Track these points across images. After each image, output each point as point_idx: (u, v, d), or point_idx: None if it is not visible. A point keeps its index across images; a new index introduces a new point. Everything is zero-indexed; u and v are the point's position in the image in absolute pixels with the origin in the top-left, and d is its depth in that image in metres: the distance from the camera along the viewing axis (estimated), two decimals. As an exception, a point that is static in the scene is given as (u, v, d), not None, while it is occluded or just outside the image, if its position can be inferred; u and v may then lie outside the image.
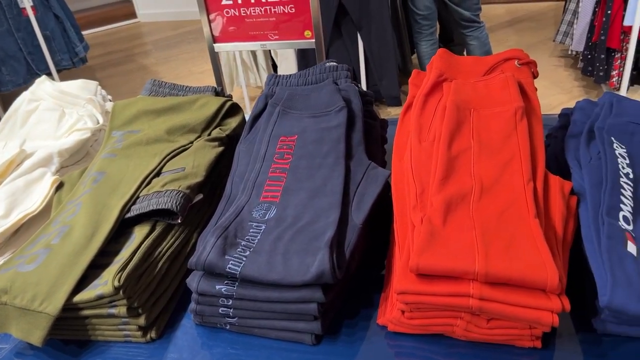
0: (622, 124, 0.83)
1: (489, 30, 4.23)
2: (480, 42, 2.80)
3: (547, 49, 3.69)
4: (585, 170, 0.77)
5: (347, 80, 0.93)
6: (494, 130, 0.78)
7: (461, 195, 0.70)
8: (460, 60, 0.91)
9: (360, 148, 0.84)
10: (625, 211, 0.71)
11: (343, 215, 0.73)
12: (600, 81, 2.80)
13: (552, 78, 3.26)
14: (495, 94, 0.82)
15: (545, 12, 4.47)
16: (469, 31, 2.76)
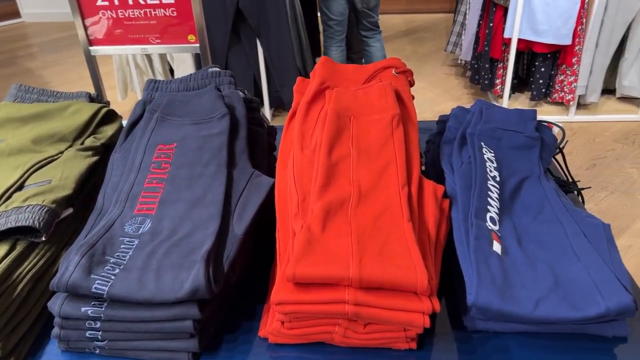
0: (490, 130, 0.88)
1: (386, 39, 4.41)
2: (381, 45, 2.93)
3: (439, 58, 3.90)
4: (457, 174, 0.81)
5: (230, 86, 0.91)
6: (372, 137, 0.80)
7: (340, 202, 0.71)
8: (342, 68, 0.92)
9: (243, 156, 0.83)
10: (492, 212, 0.75)
11: (223, 226, 0.71)
12: (486, 89, 3.01)
13: (443, 86, 3.45)
14: (373, 102, 0.84)
15: (438, 23, 4.72)
16: (373, 33, 2.87)
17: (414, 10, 5.01)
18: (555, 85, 2.84)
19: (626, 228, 2.09)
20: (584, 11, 2.59)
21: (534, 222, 0.76)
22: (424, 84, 3.50)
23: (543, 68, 2.80)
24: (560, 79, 2.80)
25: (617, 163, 2.51)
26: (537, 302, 0.62)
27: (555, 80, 2.83)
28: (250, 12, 2.63)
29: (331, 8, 2.77)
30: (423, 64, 3.83)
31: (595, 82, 2.76)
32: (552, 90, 2.86)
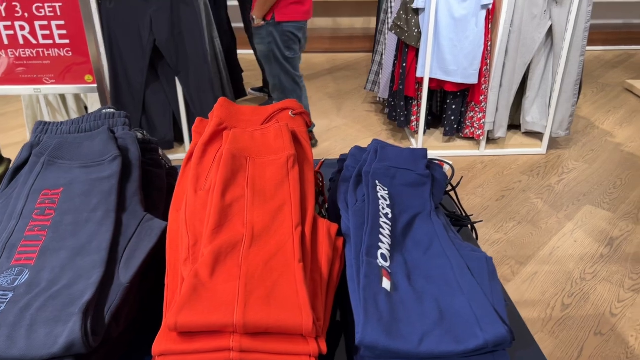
0: (384, 168, 0.91)
1: (310, 77, 4.51)
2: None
3: (360, 96, 4.03)
4: (351, 212, 0.82)
5: (124, 127, 0.89)
6: (268, 178, 0.80)
7: (232, 245, 0.70)
8: (240, 109, 0.93)
9: (135, 199, 0.80)
10: (384, 249, 0.77)
11: (108, 275, 0.68)
12: (402, 125, 3.13)
13: (364, 122, 3.56)
14: (270, 143, 0.85)
15: (359, 62, 4.90)
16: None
17: (337, 50, 5.18)
18: (466, 121, 3.00)
19: (532, 256, 2.22)
20: (488, 53, 2.79)
21: (424, 257, 0.79)
22: (346, 121, 3.59)
23: (454, 105, 2.96)
24: (470, 116, 2.97)
25: (523, 194, 2.67)
26: (422, 337, 0.64)
27: (465, 117, 3.00)
28: (168, 50, 2.61)
29: (295, 63, 2.76)
30: (345, 101, 3.94)
31: (501, 118, 2.95)
32: (464, 126, 3.03)
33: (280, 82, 2.70)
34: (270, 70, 2.68)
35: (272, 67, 2.66)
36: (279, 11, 2.49)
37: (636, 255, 2.22)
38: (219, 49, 3.02)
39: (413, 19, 2.79)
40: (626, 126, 3.47)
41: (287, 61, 2.64)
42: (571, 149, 3.15)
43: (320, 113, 3.72)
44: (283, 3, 2.48)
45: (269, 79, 2.75)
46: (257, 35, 2.60)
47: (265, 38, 2.56)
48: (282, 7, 2.49)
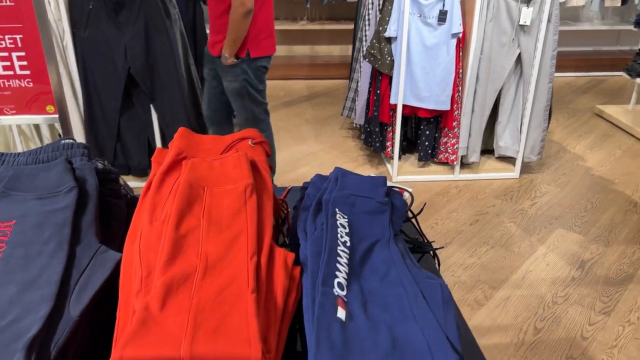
0: (344, 196, 0.92)
1: (289, 103, 4.55)
2: None
3: (338, 122, 4.07)
4: (309, 241, 0.83)
5: (83, 158, 0.89)
6: (224, 207, 0.80)
7: (185, 276, 0.69)
8: (200, 138, 0.93)
9: (90, 230, 0.79)
10: (340, 277, 0.77)
11: (57, 309, 0.67)
12: (378, 151, 3.16)
13: (341, 148, 3.59)
14: (229, 172, 0.85)
15: (337, 88, 4.96)
16: None
17: (316, 77, 5.24)
18: (440, 146, 3.05)
19: (505, 280, 2.23)
20: (459, 80, 2.85)
21: (381, 285, 0.79)
22: (323, 146, 3.62)
23: (428, 131, 3.01)
24: (444, 141, 3.02)
25: (497, 218, 2.71)
26: (374, 367, 0.64)
27: (439, 142, 3.05)
28: (143, 78, 2.62)
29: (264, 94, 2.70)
30: (323, 127, 3.97)
31: (474, 144, 3.00)
32: (438, 152, 3.07)
33: (254, 115, 2.63)
34: (242, 105, 2.58)
35: (245, 102, 2.57)
36: (254, 47, 2.42)
37: (606, 278, 2.25)
38: (195, 77, 3.04)
39: (386, 47, 2.85)
40: (597, 150, 3.55)
41: (260, 94, 2.59)
42: (544, 173, 3.20)
43: (298, 139, 3.75)
44: (256, 38, 2.42)
45: (240, 114, 2.64)
46: (229, 74, 2.47)
47: (240, 75, 2.46)
48: (255, 42, 2.42)
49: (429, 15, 2.70)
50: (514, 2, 2.68)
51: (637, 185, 3.05)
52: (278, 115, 4.22)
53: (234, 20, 2.26)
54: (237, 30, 2.29)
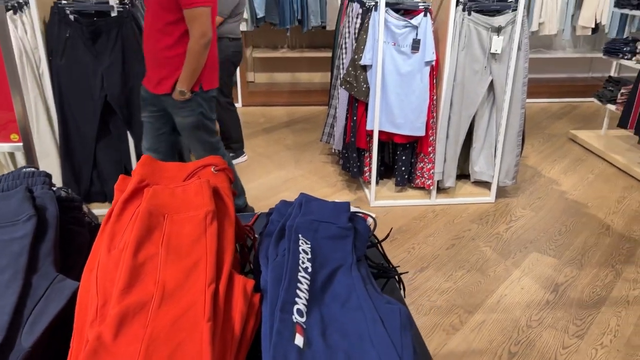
0: (308, 222, 0.93)
1: (270, 130, 4.58)
2: None
3: (317, 148, 4.10)
4: (270, 267, 0.83)
5: (44, 186, 0.88)
6: (185, 235, 0.80)
7: (141, 305, 0.69)
8: (164, 166, 0.94)
9: (48, 259, 0.79)
10: (300, 304, 0.77)
11: (9, 339, 0.66)
12: (356, 176, 3.19)
13: (320, 173, 3.60)
14: (190, 199, 0.86)
15: (317, 114, 5.01)
16: None
17: (296, 103, 5.29)
18: (417, 171, 3.08)
19: (480, 304, 2.24)
20: (434, 106, 2.90)
21: (341, 310, 0.80)
22: (303, 172, 3.63)
23: (404, 156, 3.05)
24: (420, 166, 3.06)
25: (473, 242, 2.73)
26: (329, 394, 0.64)
27: (416, 167, 3.08)
28: (120, 106, 2.62)
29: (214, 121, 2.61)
30: (303, 153, 4.00)
31: (450, 169, 3.04)
32: (415, 176, 3.10)
33: (211, 145, 2.52)
34: (198, 138, 2.46)
35: (201, 134, 2.45)
36: (206, 79, 2.32)
37: (580, 301, 2.27)
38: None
39: (361, 75, 2.90)
40: (570, 174, 3.62)
41: (212, 123, 2.50)
42: (519, 197, 3.25)
43: (278, 164, 3.76)
44: (208, 71, 2.32)
45: (197, 147, 2.51)
46: (183, 109, 2.33)
47: (196, 109, 2.34)
48: (207, 74, 2.32)
49: (403, 44, 2.77)
50: (484, 31, 2.76)
51: (609, 209, 3.11)
52: (258, 141, 4.24)
53: (194, 52, 2.15)
54: (197, 62, 2.19)
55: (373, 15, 2.80)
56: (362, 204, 3.14)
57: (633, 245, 2.72)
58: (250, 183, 3.43)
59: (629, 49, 3.74)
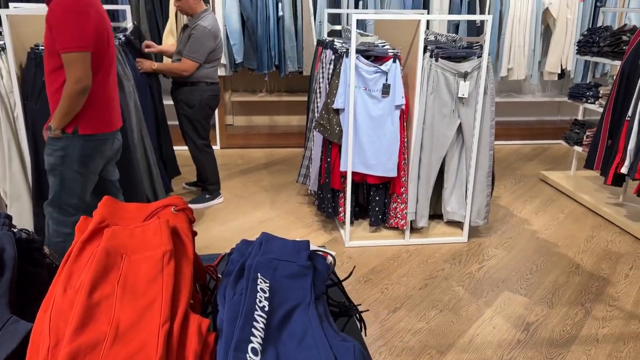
0: (267, 261, 0.95)
1: (248, 171, 4.61)
2: None
3: (294, 189, 4.13)
4: (226, 306, 0.84)
5: (3, 227, 0.89)
6: (141, 275, 0.81)
7: (93, 345, 0.69)
8: (124, 206, 0.95)
9: (3, 301, 0.79)
10: (255, 343, 0.78)
11: (-45, 382, 0.65)
12: (331, 216, 3.21)
13: (296, 214, 3.62)
14: (149, 239, 0.87)
15: (294, 156, 5.06)
16: None
17: (274, 145, 5.35)
18: (390, 212, 3.12)
19: (452, 344, 2.24)
20: (405, 148, 2.98)
21: (297, 349, 0.80)
22: (279, 213, 3.65)
23: (377, 197, 3.09)
24: (394, 206, 3.10)
25: (446, 282, 2.75)
26: None
27: (389, 208, 3.12)
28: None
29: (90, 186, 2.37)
30: (279, 194, 4.02)
31: (422, 209, 3.09)
32: (388, 217, 3.14)
33: (60, 197, 2.29)
34: (50, 181, 2.29)
35: (53, 179, 2.27)
36: (84, 123, 2.18)
37: (550, 340, 2.29)
38: (148, 145, 3.07)
39: (334, 118, 2.97)
40: (541, 214, 3.70)
41: (82, 176, 2.28)
42: (491, 236, 3.30)
43: (254, 205, 3.77)
44: (90, 114, 2.18)
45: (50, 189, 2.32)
46: (48, 146, 2.21)
47: (57, 151, 2.19)
48: (88, 118, 2.18)
49: (374, 89, 2.86)
50: (452, 76, 2.87)
51: (578, 247, 3.18)
52: (235, 183, 4.26)
53: (68, 95, 2.07)
54: (69, 107, 2.09)
55: (345, 61, 2.90)
56: (337, 244, 3.16)
57: (602, 283, 2.77)
58: (225, 225, 3.43)
59: (592, 93, 3.91)
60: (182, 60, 3.30)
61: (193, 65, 3.31)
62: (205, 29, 3.27)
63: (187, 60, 3.29)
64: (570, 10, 5.14)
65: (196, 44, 3.26)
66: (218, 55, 3.45)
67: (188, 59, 3.29)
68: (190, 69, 3.31)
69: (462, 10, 5.01)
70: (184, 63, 3.29)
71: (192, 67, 3.31)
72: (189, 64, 3.29)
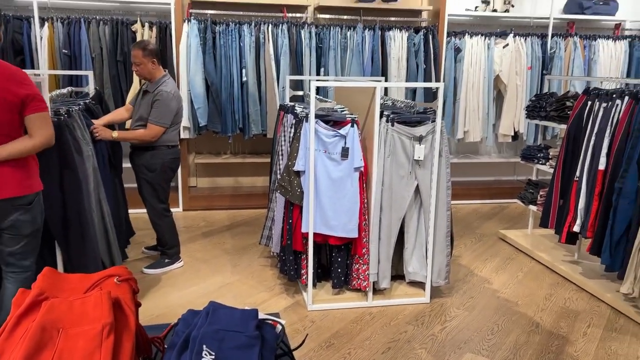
0: (213, 332, 0.93)
1: (210, 233, 4.55)
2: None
3: (257, 251, 4.09)
4: (168, 381, 0.82)
5: None
6: (78, 350, 0.79)
7: None
8: (66, 278, 0.93)
9: None
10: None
11: None
12: (293, 279, 3.17)
13: (258, 277, 3.57)
14: (88, 312, 0.85)
15: (259, 217, 5.04)
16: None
17: (238, 207, 5.33)
18: (353, 273, 3.11)
19: (415, 410, 2.19)
20: (365, 209, 3.01)
21: None
22: (240, 277, 3.58)
23: (340, 258, 3.09)
24: (356, 268, 3.10)
25: (408, 345, 2.72)
26: None
27: (352, 269, 3.12)
28: (52, 220, 2.55)
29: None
30: (241, 257, 3.97)
31: (384, 269, 3.09)
32: (351, 278, 3.13)
33: None
34: None
35: None
36: None
37: (513, 402, 2.27)
38: (106, 211, 3.02)
39: (295, 180, 3.01)
40: (501, 273, 3.75)
41: None
42: (453, 296, 3.31)
43: (215, 269, 3.70)
44: None
45: None
46: None
47: None
48: None
49: (333, 152, 2.92)
50: (407, 140, 2.97)
51: (537, 306, 3.22)
52: (196, 246, 4.18)
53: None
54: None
55: (305, 125, 2.97)
56: (299, 308, 3.10)
57: (561, 342, 2.79)
58: (184, 290, 3.34)
59: (543, 154, 4.09)
60: (149, 126, 3.31)
61: (160, 131, 3.33)
62: (169, 94, 3.32)
63: (155, 126, 3.30)
64: (519, 77, 5.45)
65: (163, 109, 3.30)
66: (179, 119, 3.49)
67: (156, 125, 3.30)
68: (158, 134, 3.33)
69: (418, 77, 5.25)
70: (151, 130, 3.31)
71: (160, 132, 3.33)
72: (157, 130, 3.31)
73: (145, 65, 3.34)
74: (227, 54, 4.89)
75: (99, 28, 4.70)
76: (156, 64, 3.37)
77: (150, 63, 3.34)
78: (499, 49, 5.38)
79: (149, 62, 3.34)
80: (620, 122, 3.17)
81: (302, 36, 5.02)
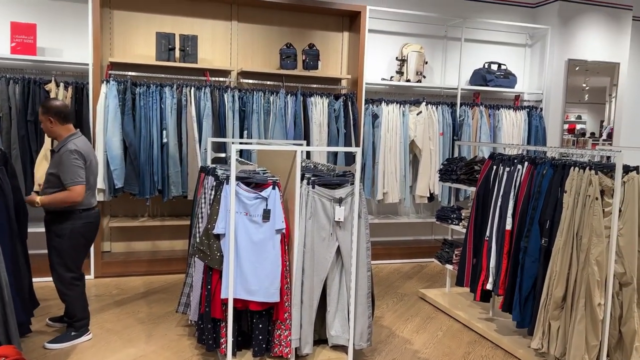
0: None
1: (123, 302, 4.27)
2: None
3: (174, 319, 3.88)
4: None
5: None
6: None
7: None
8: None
9: None
10: None
11: None
12: (211, 349, 3.03)
13: (175, 348, 3.37)
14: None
15: (177, 283, 4.83)
16: None
17: (155, 272, 5.09)
18: (275, 339, 3.03)
19: None
20: (287, 272, 2.98)
21: None
22: (155, 348, 3.37)
23: (261, 324, 3.00)
24: (278, 334, 3.01)
25: (332, 412, 2.64)
26: None
27: (274, 335, 3.03)
28: None
29: None
30: (157, 326, 3.75)
31: (306, 334, 3.04)
32: (273, 345, 3.04)
33: None
34: None
35: None
36: None
37: None
38: (5, 282, 2.77)
39: (215, 243, 2.94)
40: (422, 332, 3.80)
41: None
42: (375, 359, 3.29)
43: (128, 341, 3.46)
44: None
45: None
46: None
47: None
48: None
49: (254, 214, 2.91)
50: (328, 202, 3.02)
51: (457, 365, 3.27)
52: (107, 316, 3.91)
53: None
54: None
55: (225, 187, 2.95)
56: (218, 380, 2.95)
57: (481, 400, 2.84)
58: (92, 365, 3.08)
59: (456, 215, 4.30)
60: (68, 189, 3.13)
61: (81, 189, 3.15)
62: (72, 152, 3.14)
63: (73, 186, 3.13)
64: (432, 142, 5.79)
65: (70, 168, 3.14)
66: (93, 180, 3.34)
67: (73, 184, 3.13)
68: (82, 193, 3.15)
69: (339, 141, 5.43)
70: (72, 190, 3.12)
71: (82, 190, 3.15)
72: (77, 189, 3.13)
73: (44, 123, 3.23)
74: (147, 115, 4.82)
75: (8, 86, 4.50)
76: (55, 123, 3.24)
77: (47, 122, 3.22)
78: (413, 116, 5.71)
79: (46, 120, 3.22)
80: (522, 185, 3.42)
81: (225, 99, 5.07)
